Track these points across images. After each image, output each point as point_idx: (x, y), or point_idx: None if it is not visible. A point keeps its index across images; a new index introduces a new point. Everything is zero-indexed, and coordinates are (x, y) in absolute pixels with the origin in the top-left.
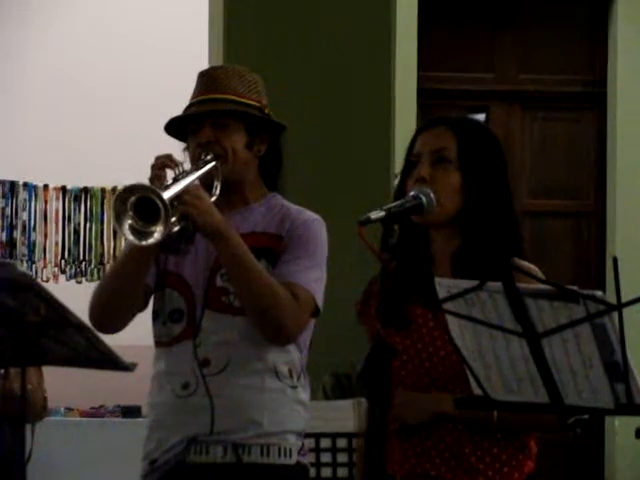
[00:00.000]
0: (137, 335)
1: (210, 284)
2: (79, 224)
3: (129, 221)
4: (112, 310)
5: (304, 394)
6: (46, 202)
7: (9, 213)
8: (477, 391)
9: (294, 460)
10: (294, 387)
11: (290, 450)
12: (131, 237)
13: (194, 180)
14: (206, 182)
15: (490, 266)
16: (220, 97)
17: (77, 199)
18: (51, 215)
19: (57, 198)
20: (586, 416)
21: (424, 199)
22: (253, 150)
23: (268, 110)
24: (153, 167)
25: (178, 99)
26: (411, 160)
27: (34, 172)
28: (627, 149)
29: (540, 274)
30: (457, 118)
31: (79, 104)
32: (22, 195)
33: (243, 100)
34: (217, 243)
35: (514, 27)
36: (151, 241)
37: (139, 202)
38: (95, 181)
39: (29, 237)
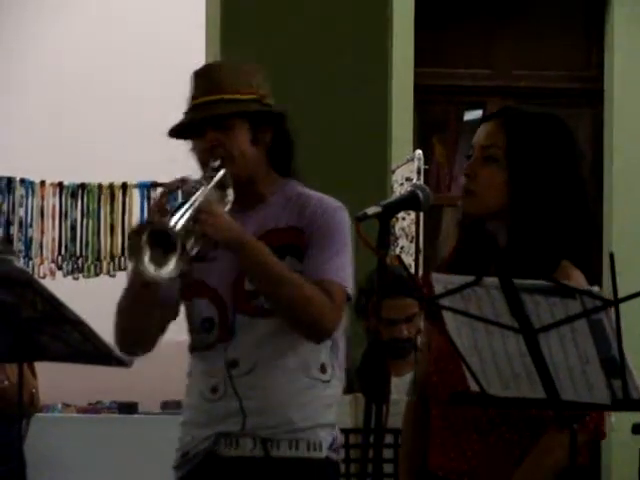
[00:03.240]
0: None
1: (238, 288)
2: (76, 220)
3: (147, 256)
4: (135, 334)
5: (336, 388)
6: (43, 198)
7: (6, 209)
8: (474, 386)
9: (324, 454)
10: (325, 381)
11: (320, 444)
12: (153, 272)
13: (206, 194)
14: (219, 185)
15: (534, 266)
16: (216, 98)
17: (74, 195)
18: (48, 211)
19: (54, 194)
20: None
21: (420, 194)
22: (259, 144)
23: (268, 99)
24: (161, 195)
25: (177, 96)
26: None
27: (31, 168)
28: (624, 145)
29: (582, 283)
30: (517, 111)
31: (76, 100)
32: (19, 191)
33: (240, 97)
34: (238, 254)
35: (511, 23)
36: (173, 274)
37: (152, 237)
38: (92, 177)
39: (26, 233)
